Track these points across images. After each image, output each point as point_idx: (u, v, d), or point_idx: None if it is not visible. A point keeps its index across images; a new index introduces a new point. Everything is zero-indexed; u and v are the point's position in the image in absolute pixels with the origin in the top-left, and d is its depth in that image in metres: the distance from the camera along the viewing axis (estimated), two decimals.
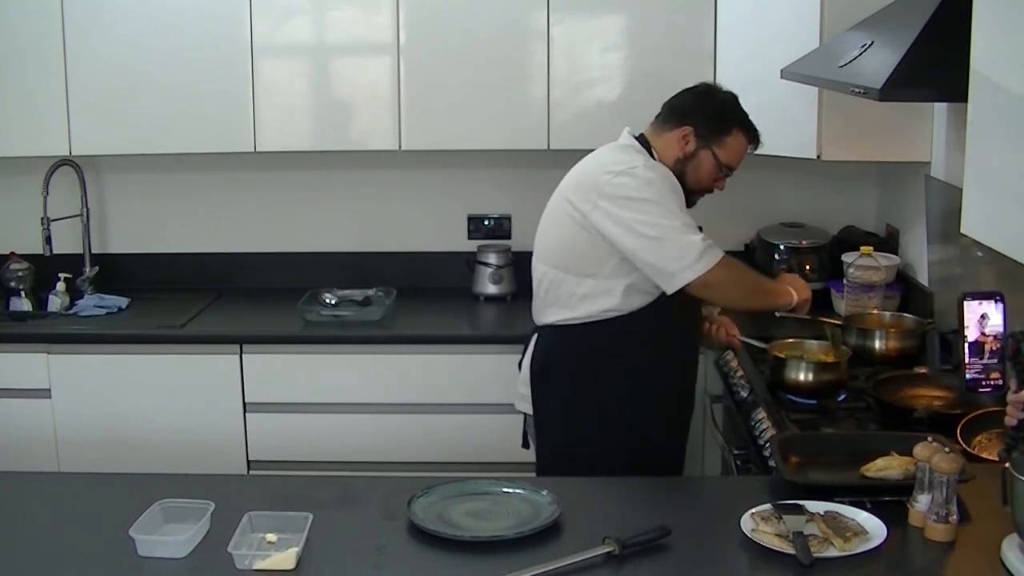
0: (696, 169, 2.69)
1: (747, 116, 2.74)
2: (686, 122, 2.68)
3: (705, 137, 2.67)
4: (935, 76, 2.34)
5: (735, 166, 2.74)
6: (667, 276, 2.56)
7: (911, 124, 3.28)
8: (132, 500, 2.05)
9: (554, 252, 2.71)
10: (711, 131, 2.68)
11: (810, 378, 2.77)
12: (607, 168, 2.63)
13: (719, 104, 2.72)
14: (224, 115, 3.64)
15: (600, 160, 2.72)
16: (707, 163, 2.69)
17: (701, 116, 2.68)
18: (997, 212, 2.09)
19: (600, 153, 2.76)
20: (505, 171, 3.97)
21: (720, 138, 2.68)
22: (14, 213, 4.03)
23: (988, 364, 1.92)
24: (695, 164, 2.69)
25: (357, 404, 3.52)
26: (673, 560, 1.90)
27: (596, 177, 2.64)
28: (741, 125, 2.71)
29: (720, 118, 2.69)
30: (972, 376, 1.93)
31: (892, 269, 3.45)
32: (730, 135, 2.69)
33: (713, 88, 2.78)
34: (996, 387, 1.94)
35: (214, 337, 3.55)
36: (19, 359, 3.53)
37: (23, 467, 3.22)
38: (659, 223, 2.55)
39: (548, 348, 2.74)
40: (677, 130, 2.68)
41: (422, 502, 2.08)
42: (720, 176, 2.73)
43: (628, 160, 2.64)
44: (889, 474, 2.11)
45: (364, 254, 4.06)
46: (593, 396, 2.67)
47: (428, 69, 3.62)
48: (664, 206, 2.57)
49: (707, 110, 2.69)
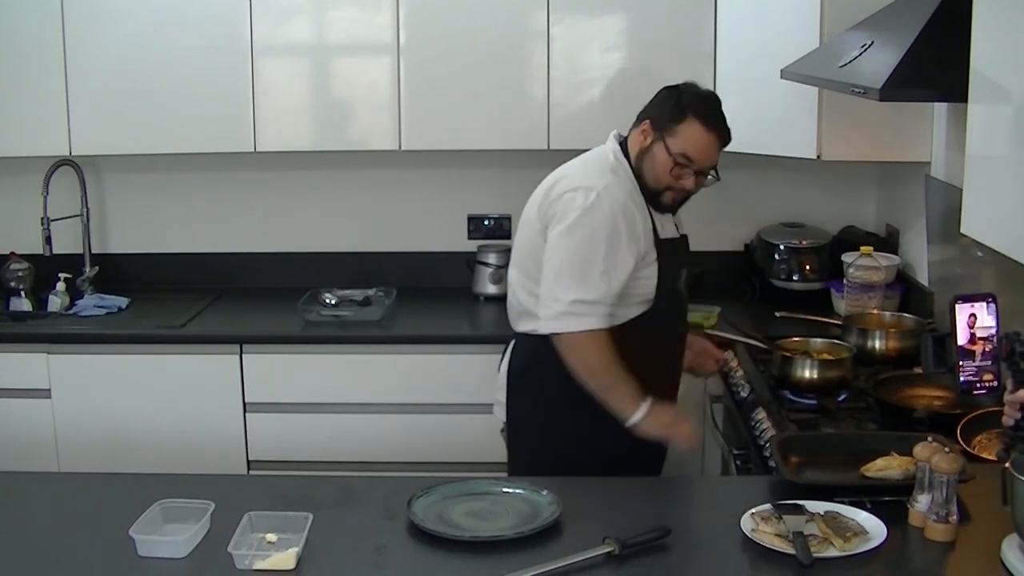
0: (652, 163, 2.57)
1: (710, 108, 2.58)
2: (647, 116, 2.61)
3: (660, 128, 2.56)
4: (935, 76, 2.34)
5: (694, 158, 2.54)
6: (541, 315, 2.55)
7: (911, 124, 3.28)
8: (132, 500, 2.05)
9: (524, 258, 2.68)
10: (665, 120, 2.56)
11: (815, 375, 2.77)
12: (574, 181, 2.58)
13: (681, 96, 2.58)
14: (224, 115, 3.64)
15: (570, 171, 2.66)
16: (660, 155, 2.55)
17: (660, 108, 2.59)
18: (997, 212, 2.09)
19: (575, 163, 2.70)
20: (505, 171, 3.97)
21: (672, 127, 2.54)
22: (14, 213, 4.03)
23: (981, 366, 1.92)
24: (650, 157, 2.57)
25: (357, 404, 3.52)
26: (673, 560, 1.90)
27: (559, 185, 2.60)
28: (697, 113, 2.54)
29: (677, 106, 2.56)
30: (966, 379, 1.93)
31: (892, 269, 3.45)
32: (683, 123, 2.54)
33: (688, 85, 2.64)
34: (990, 389, 1.94)
35: (214, 337, 3.55)
36: (19, 359, 3.53)
37: (23, 467, 3.22)
38: (567, 257, 2.50)
39: (523, 356, 2.70)
40: (639, 125, 2.62)
41: (422, 502, 2.08)
42: (679, 170, 2.55)
43: (592, 180, 2.56)
44: (889, 474, 2.11)
45: (364, 254, 4.06)
46: (567, 406, 2.59)
47: (428, 69, 3.62)
48: (585, 247, 2.49)
49: (667, 102, 2.59)
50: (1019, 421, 1.86)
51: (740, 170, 3.86)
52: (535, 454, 2.68)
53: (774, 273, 3.73)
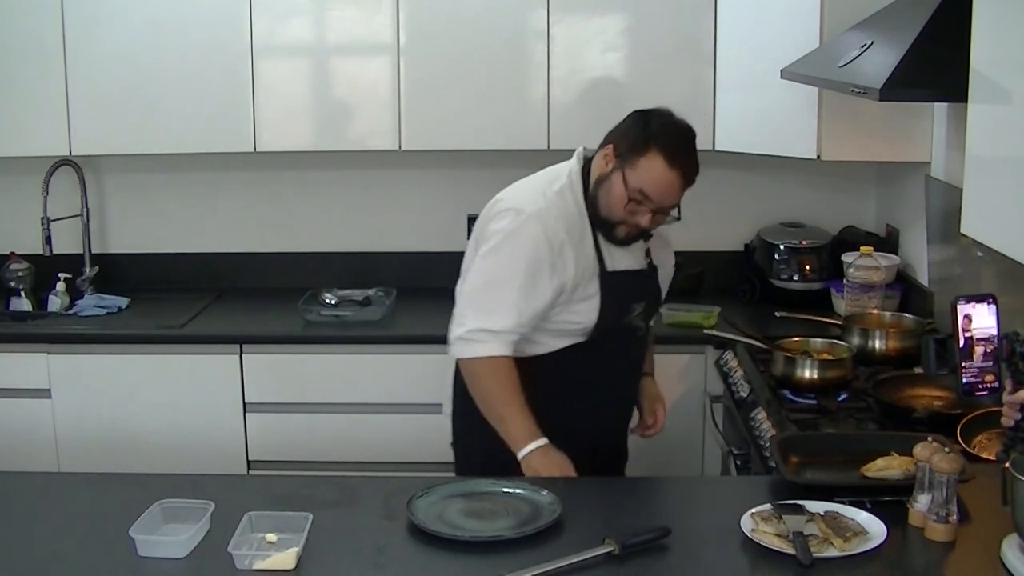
0: (607, 193, 2.39)
1: (679, 143, 2.37)
2: (610, 139, 2.44)
3: (622, 156, 2.38)
4: (935, 76, 2.34)
5: (649, 194, 2.35)
6: None
7: (911, 124, 3.28)
8: (132, 500, 2.05)
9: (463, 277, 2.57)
10: (628, 150, 2.37)
11: (815, 375, 2.77)
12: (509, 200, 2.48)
13: (651, 125, 2.39)
14: (224, 115, 3.64)
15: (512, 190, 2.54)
16: (616, 185, 2.37)
17: (625, 134, 2.40)
18: (997, 212, 2.09)
19: (523, 181, 2.57)
20: (505, 171, 3.94)
21: (633, 158, 2.35)
22: (14, 213, 4.03)
23: (983, 367, 1.92)
24: (606, 186, 2.39)
25: (357, 404, 3.52)
26: (673, 560, 1.90)
27: (494, 207, 2.50)
28: (662, 147, 2.33)
29: (642, 137, 2.36)
30: (968, 380, 1.93)
31: (892, 269, 3.45)
32: (644, 156, 2.34)
33: (661, 113, 2.43)
34: (992, 390, 1.94)
35: (214, 337, 3.55)
36: (19, 359, 3.53)
37: (23, 467, 3.22)
38: (481, 280, 2.42)
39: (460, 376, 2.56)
40: (603, 148, 2.44)
41: (422, 502, 2.08)
42: (633, 206, 2.37)
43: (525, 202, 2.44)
44: (889, 474, 2.10)
45: (364, 254, 4.06)
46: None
47: (428, 69, 3.62)
48: (500, 273, 2.39)
49: (634, 129, 2.40)
50: (1019, 422, 1.87)
51: (740, 170, 3.88)
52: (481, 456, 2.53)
53: (774, 273, 3.73)
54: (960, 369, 1.92)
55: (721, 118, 3.55)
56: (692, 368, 3.46)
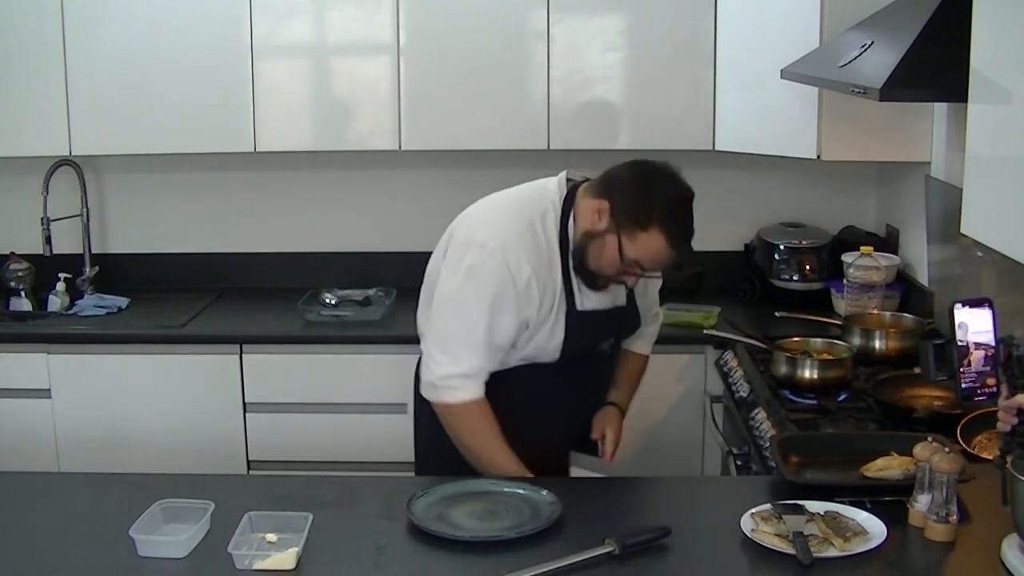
0: (598, 251, 2.30)
1: (680, 223, 2.28)
2: (606, 196, 2.29)
3: (619, 221, 2.26)
4: (935, 76, 2.34)
5: (645, 267, 2.31)
6: None
7: (911, 124, 3.28)
8: (132, 500, 2.05)
9: (426, 292, 2.54)
10: (627, 217, 2.25)
11: (815, 375, 2.77)
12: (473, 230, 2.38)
13: (654, 193, 2.27)
14: (224, 115, 3.64)
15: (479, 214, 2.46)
16: (610, 249, 2.28)
17: (625, 196, 2.27)
18: (997, 212, 2.09)
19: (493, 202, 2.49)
20: (505, 171, 3.95)
21: (633, 230, 2.25)
22: (14, 213, 4.03)
23: (982, 371, 1.91)
24: (599, 244, 2.29)
25: (357, 404, 3.52)
26: (673, 560, 1.90)
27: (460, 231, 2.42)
28: (664, 226, 2.24)
29: (644, 208, 2.25)
30: (967, 385, 1.92)
31: (892, 269, 3.45)
32: (646, 231, 2.25)
33: (663, 175, 2.32)
34: (992, 394, 1.93)
35: (214, 337, 3.55)
36: (19, 359, 3.53)
37: (23, 467, 3.22)
38: (442, 326, 2.37)
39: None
40: (596, 201, 2.30)
41: (422, 502, 2.08)
42: (624, 270, 2.32)
43: (492, 234, 2.34)
44: (889, 474, 2.11)
45: (364, 254, 4.06)
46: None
47: (428, 69, 3.62)
48: (465, 317, 2.32)
49: (636, 193, 2.27)
50: (1015, 427, 1.85)
51: (740, 170, 3.88)
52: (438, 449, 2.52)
53: (774, 273, 3.73)
54: (959, 374, 1.91)
55: (721, 118, 3.55)
56: (692, 368, 3.46)
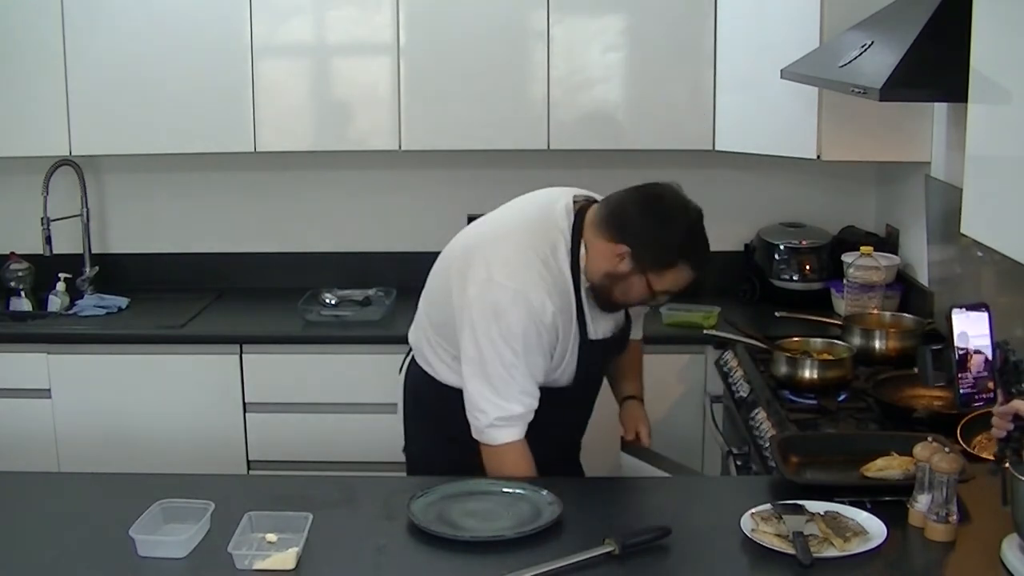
0: (625, 290, 2.34)
1: (699, 243, 2.32)
2: (624, 241, 2.28)
3: (643, 264, 2.29)
4: (935, 76, 2.34)
5: (673, 292, 2.37)
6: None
7: (911, 124, 3.28)
8: (132, 500, 2.05)
9: (433, 301, 2.54)
10: (651, 260, 2.28)
11: (815, 375, 2.77)
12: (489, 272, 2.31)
13: (671, 232, 2.28)
14: (224, 115, 3.64)
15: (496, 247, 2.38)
16: (639, 288, 2.33)
17: (643, 241, 2.28)
18: (997, 212, 2.09)
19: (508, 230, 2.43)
20: (505, 171, 3.97)
21: (661, 270, 2.29)
22: (14, 213, 4.03)
23: (980, 376, 1.90)
24: (625, 285, 2.33)
25: (357, 404, 3.52)
26: (673, 560, 1.90)
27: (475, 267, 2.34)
28: (688, 260, 2.30)
29: (667, 249, 2.28)
30: (966, 390, 1.91)
31: (892, 269, 3.45)
32: (673, 269, 2.30)
33: (672, 206, 2.32)
34: (990, 400, 1.93)
35: (214, 337, 3.55)
36: (19, 359, 3.53)
37: (23, 467, 3.22)
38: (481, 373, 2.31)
39: (417, 389, 2.58)
40: (612, 245, 2.29)
41: (422, 502, 2.08)
42: (651, 302, 2.42)
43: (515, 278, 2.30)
44: (889, 474, 2.11)
45: (364, 254, 4.06)
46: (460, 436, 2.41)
47: (428, 69, 3.62)
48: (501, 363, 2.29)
49: (652, 237, 2.28)
50: (1011, 432, 1.84)
51: (740, 170, 3.88)
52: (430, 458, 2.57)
53: (774, 273, 3.73)
54: (957, 379, 1.90)
55: (721, 118, 3.55)
56: (692, 368, 3.46)
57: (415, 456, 2.66)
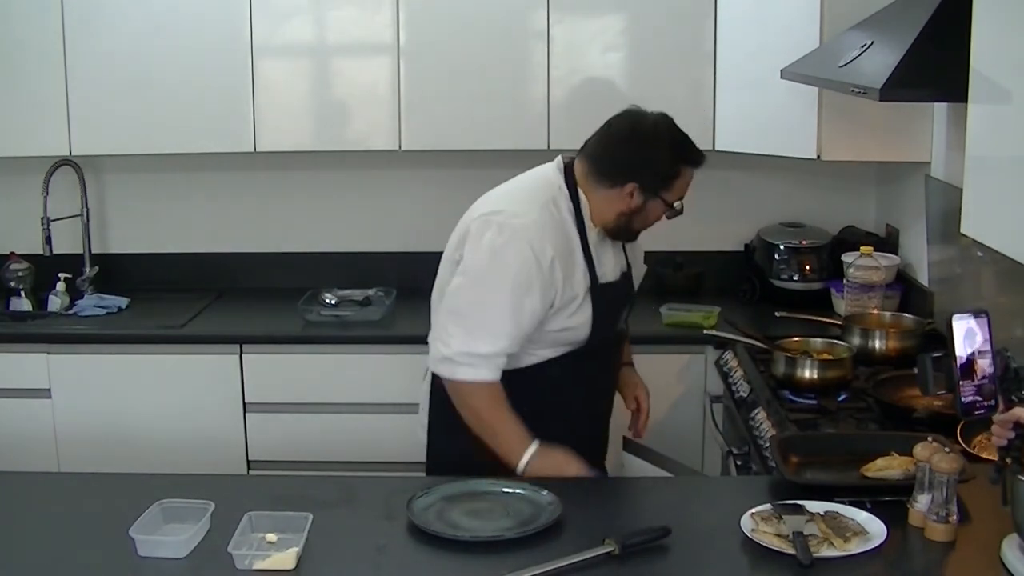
0: (645, 217, 2.46)
1: (686, 142, 2.45)
2: (629, 179, 2.40)
3: (653, 189, 2.42)
4: (935, 76, 2.34)
5: (683, 196, 2.49)
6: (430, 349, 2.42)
7: (911, 124, 3.28)
8: (132, 500, 2.05)
9: (441, 282, 2.53)
10: (659, 182, 2.42)
11: (815, 375, 2.77)
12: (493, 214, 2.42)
13: (658, 151, 2.42)
14: (224, 115, 3.65)
15: (494, 199, 2.52)
16: (656, 209, 2.45)
17: (645, 172, 2.41)
18: (997, 212, 2.09)
19: (506, 188, 2.56)
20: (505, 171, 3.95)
21: (668, 183, 2.43)
22: (14, 213, 4.03)
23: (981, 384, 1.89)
24: (643, 215, 2.45)
25: (357, 404, 3.52)
26: (673, 560, 1.90)
27: (479, 215, 2.45)
28: (687, 160, 2.44)
29: (665, 165, 2.42)
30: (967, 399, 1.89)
31: (892, 269, 3.45)
32: (679, 177, 2.44)
33: (645, 125, 2.45)
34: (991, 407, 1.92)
35: (214, 337, 3.55)
36: (19, 359, 3.53)
37: (23, 467, 3.22)
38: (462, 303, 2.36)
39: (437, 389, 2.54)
40: (617, 189, 2.41)
41: (422, 502, 2.08)
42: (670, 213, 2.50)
43: (519, 217, 2.38)
44: (889, 474, 2.11)
45: (364, 254, 4.06)
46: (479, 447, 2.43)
47: (428, 69, 3.62)
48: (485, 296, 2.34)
49: (649, 163, 2.41)
50: (1011, 441, 1.83)
51: (740, 170, 3.87)
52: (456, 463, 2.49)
53: (774, 273, 3.73)
54: (958, 387, 1.89)
55: (721, 118, 3.55)
56: (692, 368, 3.46)
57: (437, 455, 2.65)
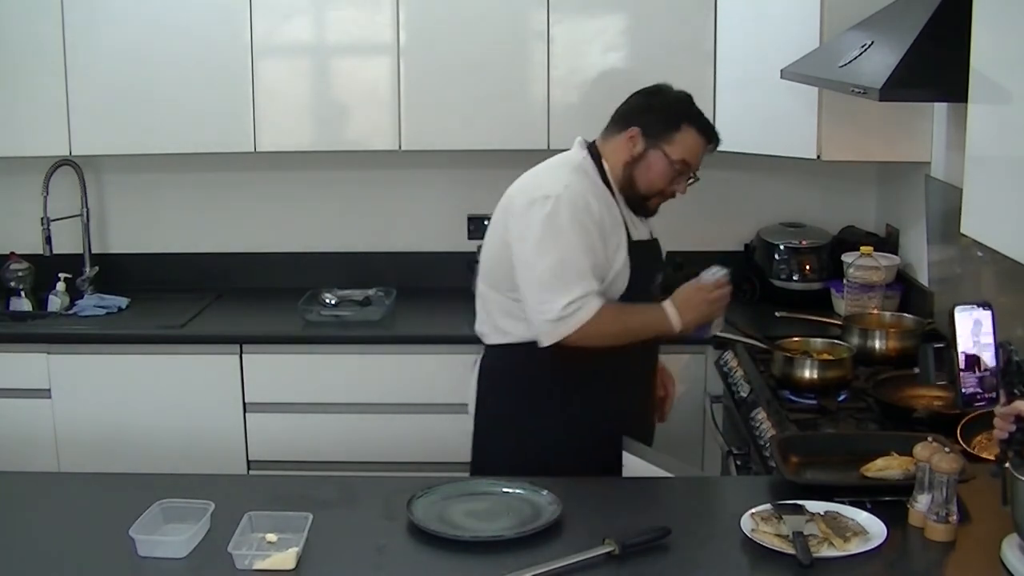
0: (647, 170, 2.59)
1: (699, 113, 2.63)
2: (632, 123, 2.60)
3: (654, 136, 2.58)
4: (935, 76, 2.34)
5: (692, 163, 2.62)
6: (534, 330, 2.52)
7: (911, 124, 3.28)
8: (132, 500, 2.05)
9: (491, 273, 2.66)
10: (659, 129, 2.58)
11: (815, 375, 2.77)
12: (531, 191, 2.57)
13: (666, 102, 2.62)
14: (224, 115, 3.65)
15: (529, 181, 2.65)
16: (658, 163, 2.58)
17: (648, 116, 2.60)
18: (997, 212, 2.09)
19: (536, 170, 2.68)
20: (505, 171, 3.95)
21: (669, 135, 2.58)
22: (14, 213, 4.03)
23: (983, 376, 1.90)
24: (645, 165, 2.59)
25: (357, 404, 3.52)
26: (673, 560, 1.90)
27: (518, 198, 2.58)
28: (691, 121, 2.60)
29: (668, 115, 2.59)
30: (968, 391, 1.90)
31: (892, 269, 3.45)
32: (679, 131, 2.58)
33: (663, 87, 2.68)
34: (992, 400, 1.92)
35: (214, 337, 3.55)
36: (19, 359, 3.53)
37: (23, 467, 3.22)
38: (538, 272, 2.48)
39: (489, 370, 2.71)
40: (624, 133, 2.60)
41: (422, 502, 2.08)
42: (676, 176, 2.62)
43: (555, 183, 2.54)
44: (889, 474, 2.11)
45: (364, 254, 4.06)
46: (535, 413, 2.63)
47: (428, 69, 3.62)
48: (559, 255, 2.47)
49: (654, 110, 2.61)
50: (1013, 434, 1.84)
51: (740, 170, 3.87)
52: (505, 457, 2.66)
53: (774, 273, 3.73)
54: (959, 378, 1.90)
55: (721, 118, 3.54)
56: (692, 368, 3.46)
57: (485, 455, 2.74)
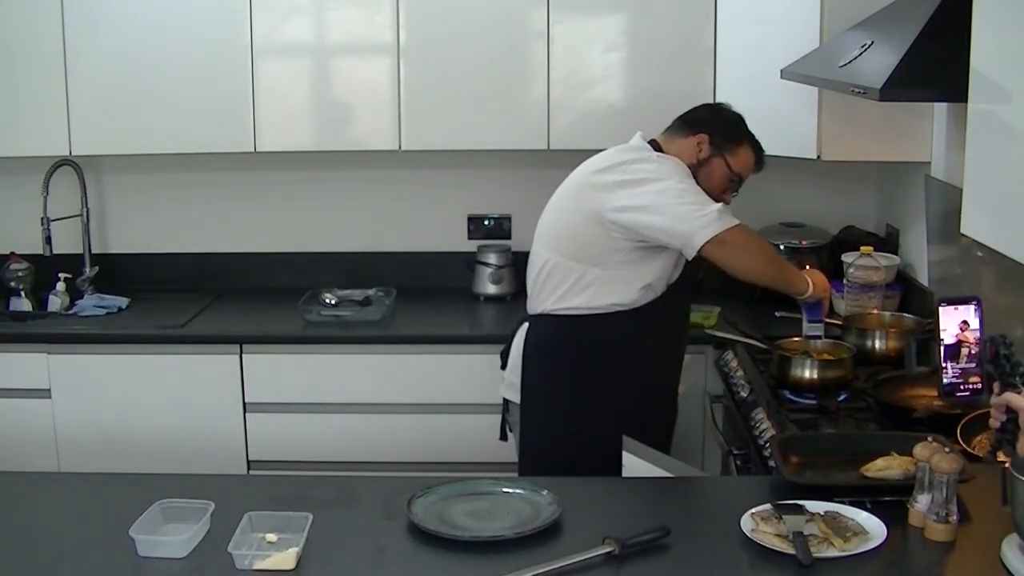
0: (708, 176, 2.80)
1: (751, 133, 2.88)
2: (701, 130, 2.81)
3: (719, 146, 2.81)
4: (935, 76, 2.34)
5: (744, 176, 2.85)
6: (685, 237, 2.64)
7: (911, 124, 3.28)
8: (132, 500, 2.05)
9: (560, 239, 2.78)
10: (724, 140, 2.81)
11: (815, 375, 2.77)
12: (622, 160, 2.76)
13: (732, 118, 2.88)
14: (224, 115, 3.65)
15: (614, 154, 2.82)
16: (719, 170, 2.81)
17: (715, 126, 2.83)
18: (997, 212, 2.09)
19: (613, 150, 2.85)
20: (505, 171, 3.97)
21: (733, 148, 2.82)
22: (14, 213, 4.03)
23: (966, 368, 1.92)
24: (707, 170, 2.80)
25: (357, 404, 3.52)
26: (673, 560, 1.90)
27: (611, 169, 2.74)
28: (749, 140, 2.85)
29: (732, 130, 2.84)
30: (949, 381, 1.94)
31: (892, 269, 3.45)
32: (741, 146, 2.83)
33: (724, 105, 2.96)
34: (975, 391, 1.95)
35: (214, 337, 3.55)
36: (19, 359, 3.53)
37: (23, 467, 3.22)
38: (674, 191, 2.67)
39: (545, 336, 2.80)
40: (692, 137, 2.81)
41: (422, 502, 2.08)
42: (729, 186, 2.84)
43: (641, 154, 2.79)
44: (889, 474, 2.10)
45: (364, 254, 4.06)
46: (584, 386, 2.76)
47: (428, 69, 3.62)
48: (678, 180, 2.69)
49: (721, 122, 2.85)
50: (1004, 423, 1.87)
51: None
52: (549, 433, 2.79)
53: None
54: (941, 369, 1.92)
55: None
56: (692, 368, 3.46)
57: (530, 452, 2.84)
